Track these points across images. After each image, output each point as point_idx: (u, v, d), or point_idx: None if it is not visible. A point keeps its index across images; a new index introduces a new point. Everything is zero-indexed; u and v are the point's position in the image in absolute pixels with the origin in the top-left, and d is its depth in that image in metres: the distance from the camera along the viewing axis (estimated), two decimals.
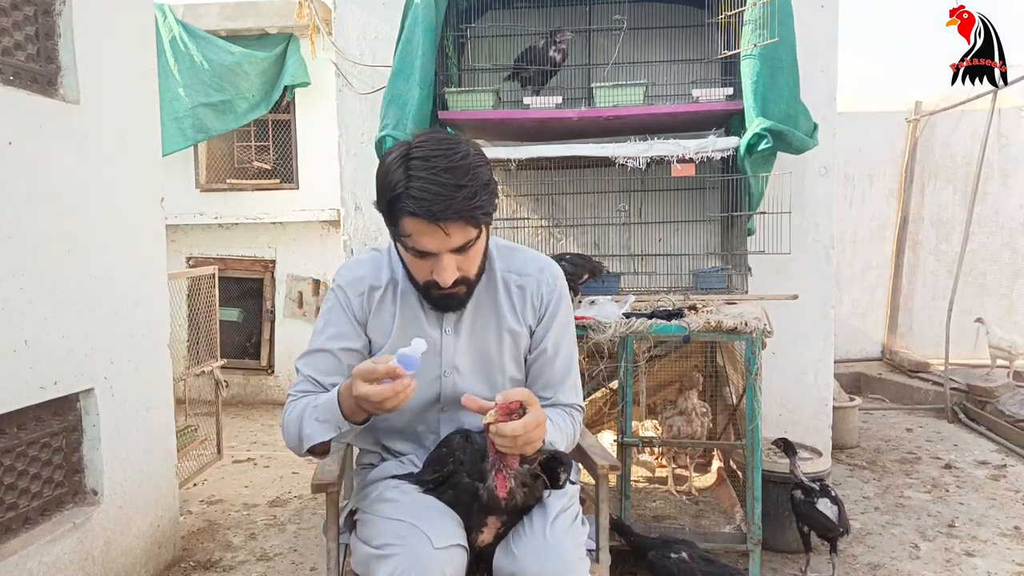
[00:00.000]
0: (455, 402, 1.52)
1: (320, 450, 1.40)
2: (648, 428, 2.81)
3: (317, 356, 1.49)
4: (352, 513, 1.57)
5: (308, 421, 1.37)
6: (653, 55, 3.11)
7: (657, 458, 3.08)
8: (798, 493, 2.48)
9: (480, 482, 1.35)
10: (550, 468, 1.40)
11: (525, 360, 1.58)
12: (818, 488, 2.45)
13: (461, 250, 1.36)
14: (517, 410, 1.26)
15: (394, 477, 1.52)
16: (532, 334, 1.56)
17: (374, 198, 1.40)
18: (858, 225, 5.97)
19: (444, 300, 1.45)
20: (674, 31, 3.08)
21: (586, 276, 2.66)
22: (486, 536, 1.39)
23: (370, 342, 1.53)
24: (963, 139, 5.69)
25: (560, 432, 1.49)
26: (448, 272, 1.37)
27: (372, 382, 1.25)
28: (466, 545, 1.35)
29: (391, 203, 1.32)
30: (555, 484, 1.41)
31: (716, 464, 2.95)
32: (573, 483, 1.55)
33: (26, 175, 2.10)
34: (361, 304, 1.51)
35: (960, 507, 3.22)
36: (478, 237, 1.38)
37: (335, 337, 1.49)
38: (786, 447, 2.51)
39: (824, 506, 2.42)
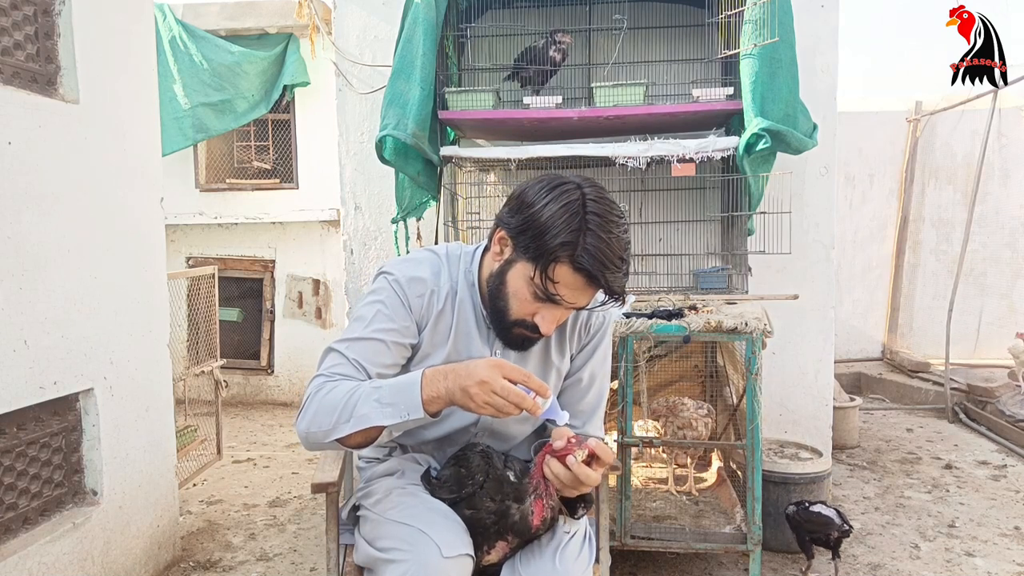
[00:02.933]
0: (488, 430, 1.51)
1: (355, 442, 1.26)
2: (650, 428, 2.81)
3: (366, 344, 1.36)
4: (355, 508, 1.56)
5: (366, 401, 1.23)
6: (653, 55, 3.11)
7: (659, 452, 3.07)
8: (791, 508, 2.52)
9: (515, 503, 1.34)
10: (569, 502, 1.40)
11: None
12: (808, 502, 2.51)
13: (574, 308, 1.36)
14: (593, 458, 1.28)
15: (403, 478, 1.50)
16: (572, 360, 1.54)
17: (374, 198, 1.40)
18: (858, 225, 5.97)
19: (521, 340, 1.41)
20: (674, 31, 3.08)
21: None
22: (493, 557, 1.38)
23: (419, 347, 1.45)
24: (963, 139, 5.69)
25: None
26: (553, 324, 1.36)
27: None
28: (473, 555, 1.34)
29: (557, 247, 1.26)
30: (572, 514, 1.42)
31: (716, 464, 2.94)
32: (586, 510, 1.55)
33: (26, 175, 2.09)
34: (421, 306, 1.42)
35: (960, 507, 3.22)
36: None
37: (390, 330, 1.38)
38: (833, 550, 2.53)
39: (820, 508, 2.44)
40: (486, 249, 1.44)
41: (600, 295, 1.33)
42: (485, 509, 1.35)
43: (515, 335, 1.39)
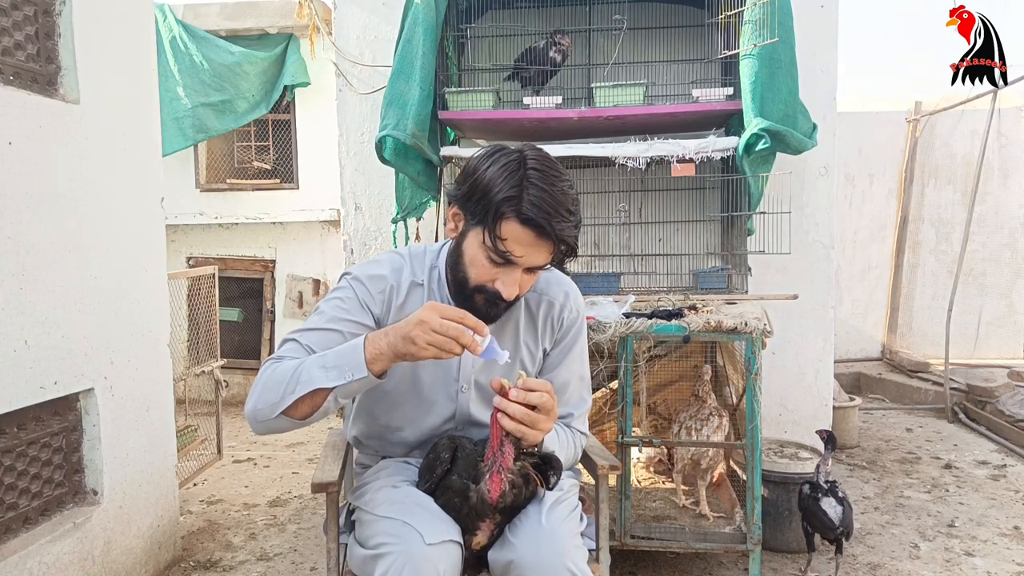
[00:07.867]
0: (467, 422, 1.52)
1: (302, 412, 1.29)
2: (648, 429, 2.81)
3: (322, 334, 1.39)
4: (350, 512, 1.56)
5: (311, 368, 1.27)
6: (653, 55, 3.12)
7: (662, 462, 3.06)
8: (806, 488, 2.47)
9: (473, 483, 1.34)
10: (541, 470, 1.40)
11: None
12: (826, 487, 2.45)
13: (533, 270, 1.37)
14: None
15: (393, 476, 1.51)
16: (546, 355, 1.56)
17: (374, 198, 1.40)
18: (858, 225, 5.97)
19: (487, 309, 1.40)
20: (674, 31, 3.08)
21: None
22: (480, 538, 1.38)
23: None
24: (963, 139, 5.69)
25: (559, 442, 1.48)
26: (514, 287, 1.36)
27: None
28: (460, 542, 1.34)
29: (501, 202, 1.29)
30: (545, 484, 1.42)
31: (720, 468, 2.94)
32: (574, 480, 1.57)
33: (26, 175, 2.09)
34: (383, 301, 1.46)
35: (960, 507, 3.22)
36: (548, 264, 1.39)
37: (345, 321, 1.41)
38: (828, 440, 2.48)
39: (827, 504, 2.41)
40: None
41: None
42: (453, 490, 1.35)
43: (480, 304, 1.40)
